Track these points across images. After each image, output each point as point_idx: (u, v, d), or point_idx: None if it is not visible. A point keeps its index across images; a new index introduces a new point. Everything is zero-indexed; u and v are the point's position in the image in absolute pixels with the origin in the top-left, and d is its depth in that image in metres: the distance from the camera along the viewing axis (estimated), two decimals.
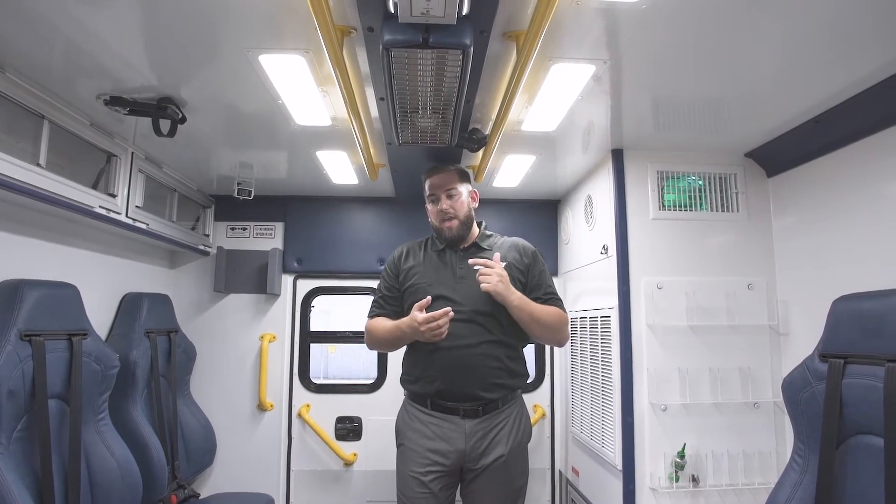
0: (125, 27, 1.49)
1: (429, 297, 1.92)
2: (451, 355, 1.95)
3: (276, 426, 3.21)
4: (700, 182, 2.43)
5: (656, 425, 2.26)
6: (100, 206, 2.14)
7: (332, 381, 3.50)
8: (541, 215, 3.40)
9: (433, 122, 1.92)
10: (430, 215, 2.15)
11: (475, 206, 2.17)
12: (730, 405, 2.27)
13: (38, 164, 1.81)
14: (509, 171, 2.81)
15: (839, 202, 2.00)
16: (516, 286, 1.99)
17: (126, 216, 2.34)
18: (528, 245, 2.16)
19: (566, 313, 2.08)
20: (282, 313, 3.29)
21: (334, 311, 3.78)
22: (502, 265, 1.98)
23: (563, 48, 1.58)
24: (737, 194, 2.42)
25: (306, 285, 3.35)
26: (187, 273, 3.28)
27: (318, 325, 3.43)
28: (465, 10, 1.29)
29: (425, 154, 2.36)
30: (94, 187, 2.18)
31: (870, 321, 1.42)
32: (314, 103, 1.95)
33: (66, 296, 1.97)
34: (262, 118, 2.12)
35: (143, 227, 2.48)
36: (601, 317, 2.54)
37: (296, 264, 3.32)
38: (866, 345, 1.41)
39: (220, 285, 3.22)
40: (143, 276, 2.91)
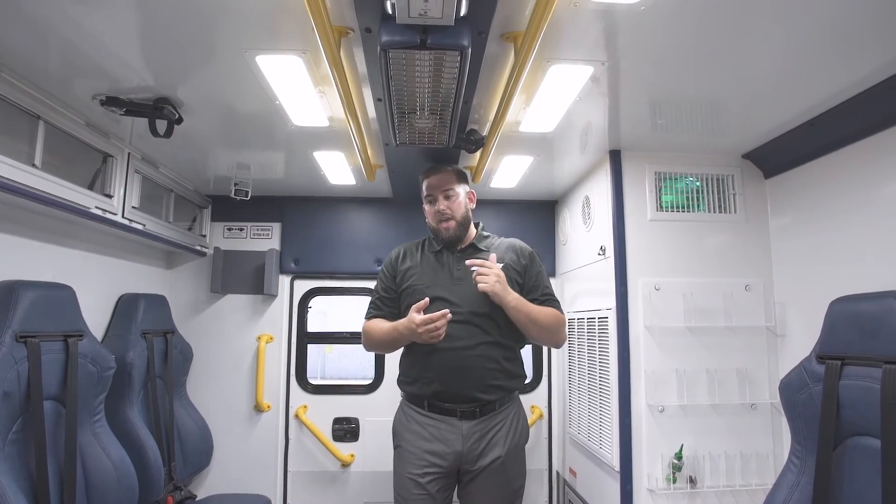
0: (122, 27, 1.48)
1: (427, 299, 1.92)
2: (449, 357, 1.95)
3: (274, 427, 3.20)
4: (698, 183, 2.44)
5: (654, 426, 2.26)
6: (96, 207, 2.13)
7: (329, 382, 3.50)
8: (538, 216, 3.40)
9: (431, 122, 1.92)
10: (427, 216, 2.15)
11: (473, 206, 2.17)
12: (727, 406, 2.27)
13: (34, 165, 1.80)
14: (507, 172, 2.81)
15: (836, 203, 2.01)
16: (513, 287, 1.98)
17: (122, 217, 2.33)
18: (525, 246, 2.16)
19: (563, 314, 2.08)
20: (279, 314, 3.28)
21: (331, 311, 3.77)
22: (499, 266, 1.98)
23: (561, 49, 1.58)
24: (734, 195, 2.43)
25: (303, 286, 3.34)
26: (184, 274, 3.27)
27: (315, 326, 3.43)
28: (462, 11, 1.29)
29: (423, 155, 2.36)
30: (90, 188, 2.17)
31: (867, 323, 1.42)
32: (311, 104, 1.95)
33: (61, 297, 1.96)
34: (259, 119, 2.12)
35: (140, 227, 2.47)
36: (598, 318, 2.54)
37: (293, 265, 3.31)
38: (863, 346, 1.42)
39: (217, 286, 3.21)
40: (140, 277, 2.89)
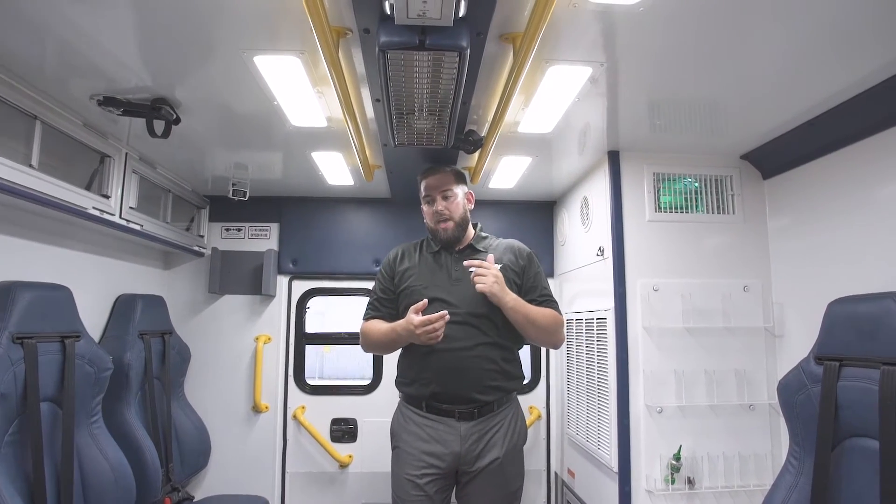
0: (119, 27, 1.47)
1: (425, 300, 1.91)
2: (447, 357, 1.94)
3: (271, 428, 3.19)
4: (696, 184, 2.44)
5: (652, 427, 2.26)
6: (93, 208, 2.13)
7: (327, 383, 3.49)
8: (537, 217, 3.40)
9: (429, 123, 1.92)
10: (425, 217, 2.14)
11: (471, 207, 2.17)
12: (725, 407, 2.28)
13: (31, 165, 1.79)
14: (505, 173, 2.81)
15: (835, 204, 2.01)
16: (512, 288, 1.98)
17: (120, 217, 2.32)
18: (523, 247, 2.16)
19: (561, 315, 2.08)
20: (277, 314, 3.27)
21: (329, 311, 3.76)
22: (497, 267, 1.97)
23: (559, 50, 1.58)
24: (733, 196, 2.43)
25: (301, 286, 3.33)
26: (182, 274, 3.26)
27: (313, 327, 3.42)
28: (461, 12, 1.29)
29: (421, 155, 2.36)
30: (87, 188, 2.16)
31: (865, 324, 1.43)
32: (310, 104, 1.94)
33: (58, 298, 1.95)
34: (257, 119, 2.11)
35: (137, 228, 2.46)
36: (597, 318, 2.54)
37: (291, 265, 3.30)
38: (861, 347, 1.42)
39: (215, 286, 3.20)
40: (137, 278, 2.89)
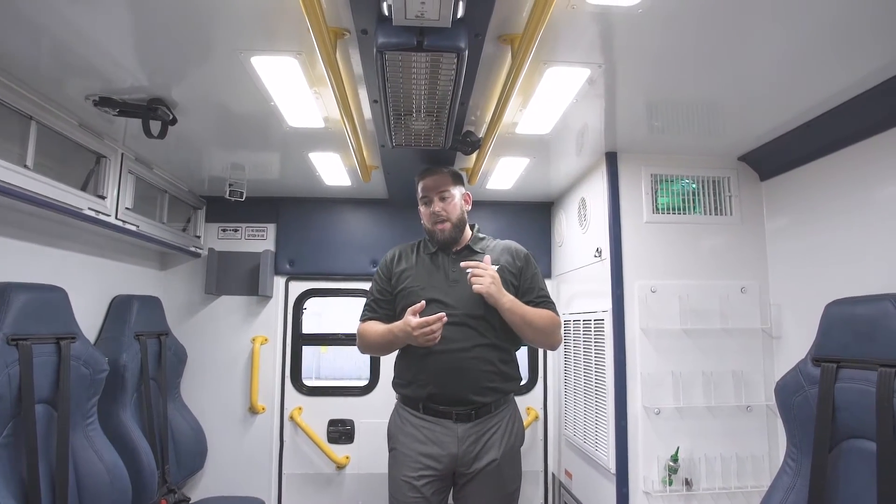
0: (116, 27, 1.47)
1: (423, 302, 1.91)
2: (444, 359, 1.94)
3: (268, 429, 3.18)
4: (693, 185, 2.44)
5: (650, 429, 2.26)
6: (89, 208, 2.12)
7: (324, 384, 3.48)
8: (534, 218, 3.40)
9: (427, 124, 1.91)
10: (422, 217, 2.14)
11: (468, 208, 2.17)
12: (723, 408, 2.28)
13: (26, 166, 1.78)
14: (503, 174, 2.81)
15: (832, 206, 2.01)
16: (509, 289, 1.98)
17: (116, 218, 2.31)
18: (520, 248, 2.16)
19: (559, 316, 2.08)
20: (274, 315, 3.26)
21: (326, 312, 3.75)
22: (494, 268, 1.97)
23: (557, 52, 1.58)
24: (730, 198, 2.43)
25: (298, 287, 3.32)
26: (178, 275, 3.25)
27: (309, 327, 3.41)
28: (459, 13, 1.28)
29: (419, 156, 2.35)
30: (83, 189, 2.15)
31: (862, 326, 1.42)
32: (307, 105, 1.93)
33: (53, 299, 1.94)
34: (254, 120, 2.10)
35: (133, 228, 2.45)
36: (595, 320, 2.54)
37: (288, 266, 3.29)
38: (859, 349, 1.42)
39: (212, 287, 3.19)
40: (133, 279, 2.87)
